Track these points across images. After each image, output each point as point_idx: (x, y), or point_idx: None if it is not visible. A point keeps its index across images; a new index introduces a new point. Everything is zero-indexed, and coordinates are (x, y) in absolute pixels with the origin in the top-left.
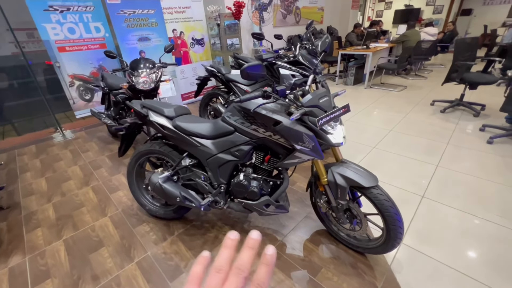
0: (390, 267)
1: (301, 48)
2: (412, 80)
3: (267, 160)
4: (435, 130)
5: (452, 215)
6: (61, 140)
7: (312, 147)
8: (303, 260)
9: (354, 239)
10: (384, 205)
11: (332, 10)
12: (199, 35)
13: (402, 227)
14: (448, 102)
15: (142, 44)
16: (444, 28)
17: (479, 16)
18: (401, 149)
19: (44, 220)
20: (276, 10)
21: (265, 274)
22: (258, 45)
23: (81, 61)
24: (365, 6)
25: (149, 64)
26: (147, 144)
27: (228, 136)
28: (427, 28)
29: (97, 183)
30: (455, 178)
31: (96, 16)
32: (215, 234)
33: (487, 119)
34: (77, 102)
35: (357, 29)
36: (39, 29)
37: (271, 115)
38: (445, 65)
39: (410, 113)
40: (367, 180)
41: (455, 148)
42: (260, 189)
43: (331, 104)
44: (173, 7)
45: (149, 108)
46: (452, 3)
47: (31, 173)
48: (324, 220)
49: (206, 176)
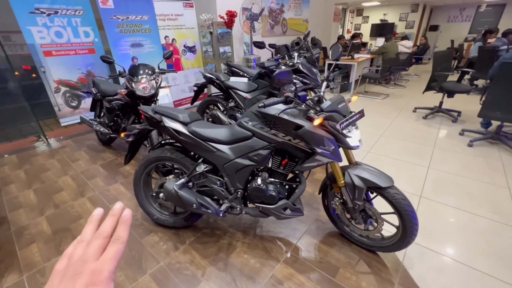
0: (403, 264)
1: (300, 57)
2: (393, 89)
3: (284, 164)
4: (420, 135)
5: (450, 212)
6: (45, 149)
7: (332, 150)
8: (320, 262)
9: (367, 239)
10: (401, 203)
11: (316, 22)
12: (191, 43)
13: (417, 223)
14: (429, 109)
15: (135, 50)
16: (416, 41)
17: (445, 31)
18: (393, 153)
19: (39, 235)
20: (265, 21)
21: (122, 230)
22: (248, 53)
23: (68, 66)
24: (345, 19)
25: (148, 70)
26: (156, 151)
27: (246, 141)
28: (403, 41)
29: (94, 194)
30: (446, 178)
31: (86, 21)
32: (228, 240)
33: (464, 124)
34: (62, 109)
35: (341, 40)
36: (23, 32)
37: (294, 119)
38: (420, 75)
39: (396, 119)
40: (384, 180)
41: (441, 151)
42: (278, 193)
43: (348, 109)
44: (166, 14)
45: (162, 114)
46: (422, 19)
47: (16, 185)
48: (336, 221)
49: (222, 181)
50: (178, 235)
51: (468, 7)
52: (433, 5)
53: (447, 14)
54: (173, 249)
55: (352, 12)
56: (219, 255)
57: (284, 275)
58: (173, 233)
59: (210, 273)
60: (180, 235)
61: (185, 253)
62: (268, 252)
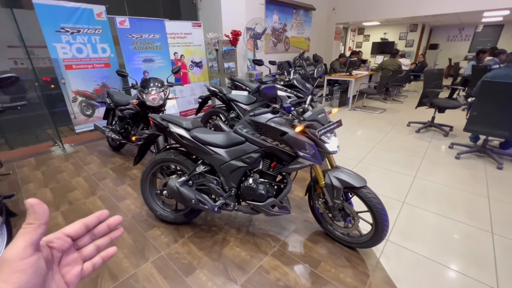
0: (379, 259)
1: (295, 73)
2: (390, 104)
3: (273, 167)
4: (411, 148)
5: (429, 217)
6: (60, 153)
7: (312, 153)
8: (304, 256)
9: (348, 237)
10: (373, 202)
11: (318, 40)
12: (198, 58)
13: (388, 220)
14: (422, 123)
15: (146, 64)
16: (416, 59)
17: (445, 50)
18: (383, 163)
19: (55, 227)
20: (268, 39)
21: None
22: (251, 69)
23: (86, 78)
24: (346, 38)
25: (158, 83)
26: (162, 154)
27: (240, 145)
28: (402, 59)
29: (104, 193)
30: (430, 187)
31: (104, 38)
32: (223, 236)
33: (454, 138)
34: (78, 117)
35: (342, 58)
36: (49, 47)
37: (280, 127)
38: (418, 91)
39: (389, 132)
40: (358, 181)
41: (429, 163)
42: (266, 191)
43: (327, 119)
44: (176, 33)
45: (169, 121)
46: (421, 38)
47: (34, 184)
48: (321, 221)
49: (218, 181)
50: (178, 230)
51: (467, 27)
52: (432, 25)
53: (447, 33)
54: (173, 242)
55: (353, 31)
56: (213, 248)
57: (271, 266)
58: (173, 228)
59: (205, 262)
60: (180, 230)
61: (183, 245)
62: (258, 246)
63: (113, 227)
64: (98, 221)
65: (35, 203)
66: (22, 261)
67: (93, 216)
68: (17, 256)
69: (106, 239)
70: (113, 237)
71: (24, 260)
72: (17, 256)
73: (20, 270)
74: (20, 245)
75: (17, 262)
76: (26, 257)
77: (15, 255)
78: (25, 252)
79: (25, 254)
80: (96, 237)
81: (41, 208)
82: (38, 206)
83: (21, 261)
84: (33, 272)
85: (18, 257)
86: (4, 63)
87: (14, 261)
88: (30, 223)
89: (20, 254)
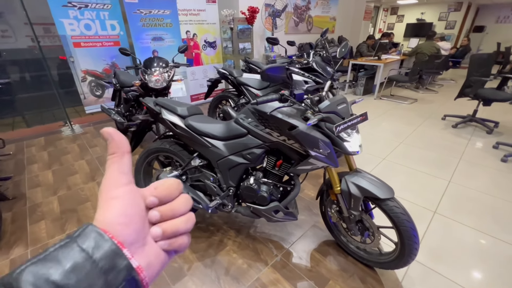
0: (401, 284)
1: (315, 55)
2: (423, 94)
3: (279, 165)
4: (446, 145)
5: (466, 233)
6: (69, 134)
7: (327, 154)
8: (310, 270)
9: (364, 252)
10: (400, 218)
11: (344, 20)
12: (212, 38)
13: (418, 242)
14: (460, 117)
15: (156, 43)
16: (457, 43)
17: (492, 33)
18: (411, 162)
19: (49, 213)
20: (289, 18)
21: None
22: (269, 50)
23: (95, 57)
24: (377, 18)
25: (162, 63)
26: (157, 142)
27: (241, 138)
28: (441, 43)
29: None
30: (469, 195)
31: (113, 14)
32: (220, 237)
33: (500, 137)
34: (88, 97)
35: (370, 40)
36: (56, 23)
37: (287, 119)
38: (456, 80)
39: (420, 126)
40: (383, 191)
41: (468, 164)
42: (269, 194)
43: (349, 111)
44: (188, 9)
45: (162, 106)
46: (465, 19)
47: (38, 165)
48: (333, 230)
49: (215, 178)
50: None
51: None
52: (480, 3)
53: (497, 14)
54: None
55: (385, 11)
56: (208, 251)
57: (270, 279)
58: None
59: (196, 268)
60: None
61: None
62: (258, 254)
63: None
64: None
65: (113, 132)
66: (117, 189)
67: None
68: (111, 184)
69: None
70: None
71: (119, 188)
72: (111, 184)
73: (115, 197)
74: (112, 174)
75: (112, 190)
76: (119, 185)
77: (109, 183)
78: (119, 180)
79: (118, 182)
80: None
81: (120, 136)
82: (116, 135)
83: (116, 189)
84: (130, 202)
85: (112, 185)
86: (22, 41)
87: (109, 189)
88: (114, 153)
89: (113, 182)
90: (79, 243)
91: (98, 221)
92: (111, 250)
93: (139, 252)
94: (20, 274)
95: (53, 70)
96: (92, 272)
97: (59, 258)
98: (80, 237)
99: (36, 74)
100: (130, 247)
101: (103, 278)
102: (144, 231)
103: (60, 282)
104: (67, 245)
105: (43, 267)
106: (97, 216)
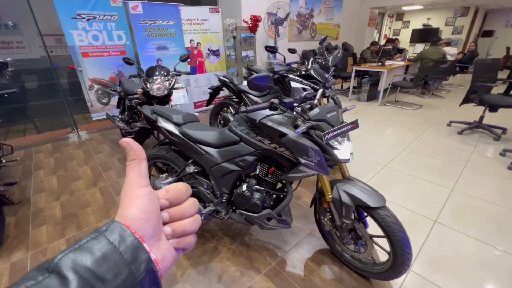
0: None
1: (314, 62)
2: (429, 100)
3: (271, 172)
4: (451, 152)
5: (467, 244)
6: (76, 140)
7: (317, 161)
8: (303, 280)
9: (359, 262)
10: (392, 227)
11: (348, 27)
12: (215, 46)
13: (410, 252)
14: (466, 123)
15: (160, 52)
16: (464, 48)
17: (501, 38)
18: (414, 169)
19: (50, 218)
20: (292, 25)
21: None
22: (272, 58)
23: (102, 66)
24: (382, 24)
25: (164, 72)
26: (155, 149)
27: (234, 145)
28: (447, 48)
29: (105, 185)
30: (472, 204)
31: (120, 25)
32: (214, 244)
33: (508, 143)
34: (94, 105)
35: (374, 46)
36: (66, 35)
37: (277, 127)
38: (464, 85)
39: (425, 132)
40: (374, 200)
41: (473, 172)
42: (262, 201)
43: (339, 119)
44: (192, 19)
45: (159, 114)
46: (473, 24)
47: (45, 171)
48: (328, 239)
49: (209, 184)
50: None
51: None
52: (488, 8)
53: (506, 18)
54: None
55: (391, 17)
56: (202, 257)
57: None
58: None
59: (189, 275)
60: None
61: None
62: (251, 261)
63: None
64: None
65: (130, 141)
66: (139, 189)
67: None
68: (133, 185)
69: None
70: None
71: (141, 189)
72: (133, 185)
73: (138, 196)
74: (133, 177)
75: (134, 190)
76: (141, 186)
77: (131, 185)
78: (140, 183)
79: (140, 184)
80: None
81: (137, 145)
82: (134, 144)
83: (138, 189)
84: (150, 200)
85: (134, 186)
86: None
87: (131, 189)
88: (133, 159)
89: (135, 183)
90: (106, 236)
91: (122, 217)
92: (134, 244)
93: (156, 246)
94: (60, 260)
95: (63, 79)
96: (120, 262)
97: (91, 248)
98: (107, 231)
99: (47, 82)
100: (149, 241)
101: (128, 268)
102: (159, 227)
103: (94, 269)
104: (96, 238)
105: (80, 255)
106: (121, 213)
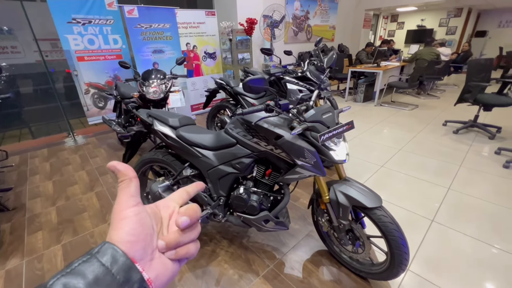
0: None
1: (310, 64)
2: (424, 100)
3: (268, 174)
4: (447, 151)
5: (464, 243)
6: (72, 145)
7: (313, 163)
8: (302, 281)
9: (357, 262)
10: (388, 227)
11: (344, 28)
12: (212, 49)
13: (407, 252)
14: (462, 123)
15: (156, 56)
16: (458, 48)
17: (494, 38)
18: (410, 169)
19: (46, 223)
20: (288, 27)
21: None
22: (268, 60)
23: (98, 70)
24: (377, 26)
25: (160, 75)
26: (151, 152)
27: (230, 148)
28: (441, 48)
29: (101, 189)
30: (469, 203)
31: (115, 29)
32: (212, 247)
33: (503, 142)
34: (90, 109)
35: (369, 48)
36: (61, 39)
37: (273, 128)
38: (459, 85)
39: (421, 132)
40: (371, 200)
41: (469, 171)
42: (259, 203)
43: (334, 120)
44: (188, 22)
45: (155, 117)
46: (466, 24)
47: (40, 176)
48: (325, 240)
49: (206, 187)
50: None
51: None
52: (481, 9)
53: (498, 18)
54: None
55: (385, 18)
56: (200, 261)
57: None
58: None
59: (187, 279)
60: None
61: None
62: (249, 264)
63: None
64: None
65: (116, 164)
66: (126, 210)
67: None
68: (122, 206)
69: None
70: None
71: (129, 209)
72: (122, 206)
73: (125, 218)
74: (122, 198)
75: (122, 211)
76: (129, 206)
77: (119, 206)
78: (128, 203)
79: (127, 204)
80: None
81: (124, 166)
82: (121, 165)
83: (126, 210)
84: (138, 220)
85: (122, 207)
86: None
87: (120, 211)
88: (123, 180)
89: (123, 204)
90: (98, 258)
91: (112, 240)
92: (126, 264)
93: (148, 265)
94: (52, 285)
95: (59, 83)
96: (112, 284)
97: (83, 272)
98: (99, 253)
99: (42, 87)
100: (139, 262)
101: None
102: (151, 246)
103: None
104: (88, 261)
105: (72, 279)
106: (110, 236)
